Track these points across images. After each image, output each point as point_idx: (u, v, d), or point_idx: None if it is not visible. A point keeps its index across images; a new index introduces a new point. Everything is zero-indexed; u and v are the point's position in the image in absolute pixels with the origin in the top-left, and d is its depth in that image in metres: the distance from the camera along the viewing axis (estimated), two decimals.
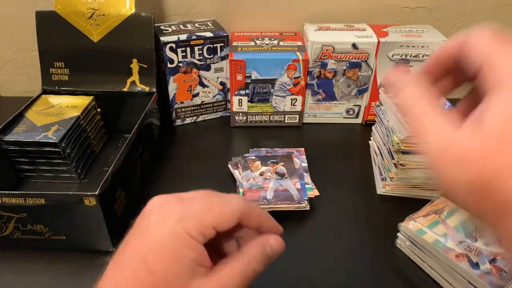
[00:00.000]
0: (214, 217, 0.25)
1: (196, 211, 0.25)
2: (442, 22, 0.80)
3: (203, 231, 0.25)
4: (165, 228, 0.24)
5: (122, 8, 0.63)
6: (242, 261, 0.26)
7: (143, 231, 0.25)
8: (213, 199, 0.27)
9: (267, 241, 0.28)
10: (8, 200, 0.43)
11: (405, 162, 0.53)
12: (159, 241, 0.24)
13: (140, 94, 0.65)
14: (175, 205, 0.26)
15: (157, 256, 0.23)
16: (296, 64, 0.67)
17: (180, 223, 0.24)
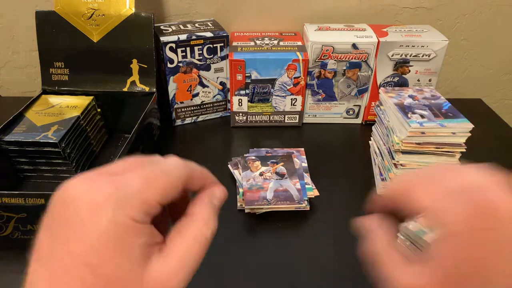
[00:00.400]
0: (157, 192, 0.22)
1: (136, 190, 0.21)
2: (442, 22, 0.80)
3: (148, 210, 0.21)
4: (102, 220, 0.20)
5: (122, 8, 0.63)
6: (197, 226, 0.23)
7: (73, 228, 0.20)
8: (150, 170, 0.23)
9: (212, 195, 0.25)
10: (8, 200, 0.43)
11: (405, 162, 0.53)
12: (98, 237, 0.20)
13: (140, 94, 0.65)
14: (107, 187, 0.21)
15: (101, 256, 0.20)
16: (296, 64, 0.67)
17: (121, 210, 0.20)
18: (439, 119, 0.51)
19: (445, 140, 0.51)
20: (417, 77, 0.70)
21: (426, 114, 0.52)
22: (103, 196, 0.20)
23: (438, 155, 0.52)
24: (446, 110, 0.53)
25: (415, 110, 0.53)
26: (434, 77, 0.70)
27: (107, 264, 0.20)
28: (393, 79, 0.70)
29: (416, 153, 0.53)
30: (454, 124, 0.50)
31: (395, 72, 0.69)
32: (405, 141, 0.51)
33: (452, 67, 0.86)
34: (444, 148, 0.51)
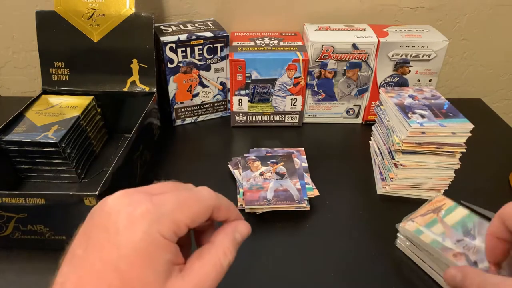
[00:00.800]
0: (188, 215, 0.24)
1: (169, 210, 0.23)
2: (442, 22, 0.80)
3: (176, 231, 0.23)
4: (137, 231, 0.22)
5: (122, 8, 0.63)
6: (217, 254, 0.25)
7: (111, 236, 0.22)
8: (185, 195, 0.25)
9: (235, 228, 0.27)
10: (8, 200, 0.43)
11: (405, 162, 0.53)
12: (132, 246, 0.22)
13: (140, 94, 0.65)
14: (145, 203, 0.23)
15: (131, 263, 0.21)
16: (296, 64, 0.67)
17: (154, 225, 0.22)
18: (439, 119, 0.51)
19: (445, 140, 0.51)
20: (417, 77, 0.70)
21: (426, 114, 0.52)
22: (141, 211, 0.23)
23: (438, 155, 0.52)
24: (446, 110, 0.53)
25: (415, 110, 0.53)
26: (434, 77, 0.70)
27: (134, 271, 0.21)
28: (393, 79, 0.70)
29: (417, 153, 0.53)
30: (454, 124, 0.50)
31: (395, 72, 0.69)
32: (406, 141, 0.51)
33: (452, 67, 0.86)
34: (445, 148, 0.51)
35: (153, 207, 0.23)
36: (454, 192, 0.56)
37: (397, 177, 0.54)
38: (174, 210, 0.23)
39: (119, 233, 0.22)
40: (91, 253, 0.22)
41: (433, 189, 0.56)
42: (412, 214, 0.48)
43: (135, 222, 0.22)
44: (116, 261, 0.21)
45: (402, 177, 0.54)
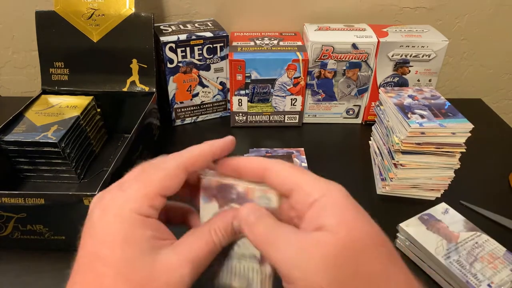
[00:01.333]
0: (155, 185, 0.24)
1: (136, 188, 0.23)
2: (442, 22, 0.80)
3: (151, 203, 0.23)
4: (108, 216, 0.22)
5: (122, 8, 0.63)
6: (208, 231, 0.25)
7: (89, 231, 0.23)
8: (148, 169, 0.25)
9: (235, 214, 0.26)
10: (8, 200, 0.43)
11: (405, 162, 0.53)
12: (106, 231, 0.22)
13: (140, 94, 0.65)
14: (114, 192, 0.24)
15: (110, 247, 0.22)
16: (296, 64, 0.67)
17: (125, 206, 0.23)
18: (439, 119, 0.51)
19: (445, 140, 0.51)
20: (417, 77, 0.70)
21: (426, 114, 0.52)
22: (109, 198, 0.23)
23: (438, 155, 0.52)
24: (446, 110, 0.53)
25: (415, 110, 0.53)
26: (434, 77, 0.70)
27: (116, 254, 0.21)
28: (393, 79, 0.70)
29: (416, 153, 0.53)
30: (454, 124, 0.50)
31: (395, 72, 0.69)
32: (405, 141, 0.51)
33: (452, 67, 0.86)
34: (444, 148, 0.51)
35: (120, 191, 0.24)
36: (454, 192, 0.56)
37: (397, 177, 0.54)
38: (140, 186, 0.24)
39: (94, 225, 0.23)
40: (80, 253, 0.23)
41: (433, 189, 0.56)
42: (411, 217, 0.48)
43: (105, 210, 0.23)
44: (97, 250, 0.22)
45: (401, 177, 0.54)
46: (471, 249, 0.44)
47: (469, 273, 0.41)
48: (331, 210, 0.22)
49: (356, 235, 0.21)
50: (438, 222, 0.47)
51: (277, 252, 0.22)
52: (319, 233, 0.22)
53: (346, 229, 0.21)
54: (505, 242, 0.45)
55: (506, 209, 0.55)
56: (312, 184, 0.24)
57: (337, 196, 0.23)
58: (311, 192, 0.23)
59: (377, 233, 0.22)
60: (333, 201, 0.23)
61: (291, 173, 0.25)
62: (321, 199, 0.23)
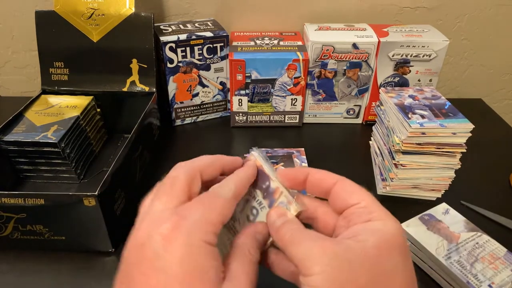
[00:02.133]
0: (218, 212, 0.23)
1: (200, 215, 0.22)
2: (442, 22, 0.79)
3: (215, 231, 0.22)
4: (177, 246, 0.20)
5: (121, 8, 0.63)
6: (244, 253, 0.25)
7: (153, 263, 0.20)
8: (203, 196, 0.25)
9: (255, 229, 0.27)
10: (8, 200, 0.42)
11: (405, 163, 0.53)
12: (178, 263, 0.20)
13: (140, 94, 0.65)
14: (171, 218, 0.22)
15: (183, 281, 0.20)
16: (296, 64, 0.67)
17: (193, 234, 0.21)
18: (439, 119, 0.51)
19: (445, 140, 0.51)
20: (417, 77, 0.70)
21: (426, 114, 0.52)
22: (172, 226, 0.21)
23: (438, 155, 0.52)
24: (446, 110, 0.53)
25: (416, 110, 0.53)
26: (434, 77, 0.70)
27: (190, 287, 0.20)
28: (393, 79, 0.70)
29: (417, 153, 0.52)
30: (455, 124, 0.50)
31: (395, 72, 0.69)
32: (406, 141, 0.51)
33: (453, 67, 0.86)
34: (445, 148, 0.51)
35: (182, 218, 0.22)
36: (454, 193, 0.55)
37: (398, 177, 0.54)
38: (204, 213, 0.23)
39: (160, 256, 0.20)
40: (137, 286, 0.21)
41: (434, 189, 0.55)
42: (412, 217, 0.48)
43: (171, 239, 0.20)
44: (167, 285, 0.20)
45: (402, 178, 0.54)
46: (471, 249, 0.44)
47: (470, 273, 0.41)
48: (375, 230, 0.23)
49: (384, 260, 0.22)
50: (438, 222, 0.47)
51: (301, 248, 0.23)
52: (350, 240, 0.23)
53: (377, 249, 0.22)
54: (506, 243, 0.45)
55: (507, 209, 0.55)
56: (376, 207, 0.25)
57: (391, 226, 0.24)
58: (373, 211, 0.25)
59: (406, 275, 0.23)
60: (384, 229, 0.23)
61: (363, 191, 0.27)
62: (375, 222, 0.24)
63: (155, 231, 0.21)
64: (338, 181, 0.27)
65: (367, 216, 0.24)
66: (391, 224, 0.24)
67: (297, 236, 0.24)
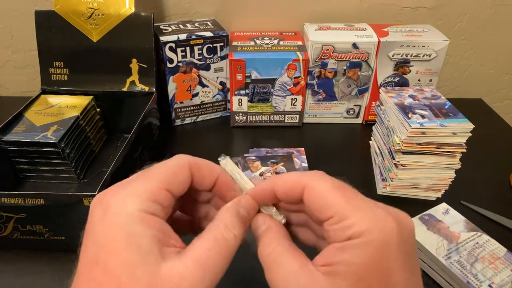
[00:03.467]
0: (159, 179, 0.22)
1: (138, 184, 0.21)
2: (442, 22, 0.79)
3: (155, 198, 0.21)
4: (109, 216, 0.20)
5: (121, 8, 0.63)
6: (217, 228, 0.22)
7: (89, 234, 0.21)
8: (152, 167, 0.23)
9: (238, 202, 0.25)
10: (8, 200, 0.42)
11: (405, 162, 0.53)
12: (107, 233, 0.20)
13: (140, 94, 0.65)
14: (115, 189, 0.21)
15: (109, 251, 0.19)
16: (296, 64, 0.66)
17: (126, 202, 0.20)
18: (439, 119, 0.51)
19: (445, 140, 0.51)
20: (417, 77, 0.70)
21: (426, 114, 0.52)
22: (110, 196, 0.21)
23: (438, 155, 0.52)
24: (446, 110, 0.53)
25: (416, 110, 0.53)
26: (434, 77, 0.70)
27: (116, 261, 0.19)
28: (393, 79, 0.70)
29: (417, 153, 0.52)
30: (455, 124, 0.50)
31: (395, 72, 0.69)
32: (406, 141, 0.51)
33: (453, 67, 0.86)
34: (445, 148, 0.51)
35: (121, 189, 0.21)
36: (454, 193, 0.55)
37: (398, 177, 0.54)
38: (142, 181, 0.21)
39: (94, 227, 0.20)
40: (80, 260, 0.21)
41: (434, 189, 0.55)
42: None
43: (105, 209, 0.20)
44: (96, 254, 0.19)
45: (402, 177, 0.54)
46: (471, 249, 0.44)
47: (470, 273, 0.41)
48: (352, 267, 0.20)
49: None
50: (438, 222, 0.47)
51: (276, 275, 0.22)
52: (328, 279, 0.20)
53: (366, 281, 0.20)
54: (506, 243, 0.44)
55: (507, 209, 0.55)
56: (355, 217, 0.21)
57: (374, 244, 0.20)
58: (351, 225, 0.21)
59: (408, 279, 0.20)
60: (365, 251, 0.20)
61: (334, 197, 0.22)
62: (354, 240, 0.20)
63: (98, 204, 0.21)
64: (304, 187, 0.23)
65: (345, 233, 0.21)
66: (375, 234, 0.20)
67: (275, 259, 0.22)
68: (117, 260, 0.19)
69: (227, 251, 0.22)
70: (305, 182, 0.23)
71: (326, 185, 0.23)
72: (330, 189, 0.23)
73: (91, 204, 0.22)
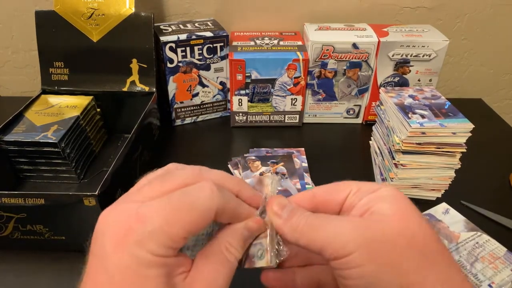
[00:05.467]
0: (182, 227, 0.21)
1: (158, 225, 0.20)
2: (442, 22, 0.79)
3: (171, 245, 0.21)
4: (124, 254, 0.20)
5: (121, 8, 0.63)
6: (219, 249, 0.23)
7: (100, 260, 0.21)
8: (176, 201, 0.22)
9: (244, 224, 0.25)
10: (8, 200, 0.42)
11: (405, 162, 0.53)
12: (120, 270, 0.20)
13: (140, 94, 0.65)
14: (130, 219, 0.21)
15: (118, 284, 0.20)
16: (296, 64, 0.67)
17: (143, 245, 0.20)
18: (439, 119, 0.51)
19: (445, 140, 0.51)
20: (417, 77, 0.70)
21: (426, 114, 0.52)
22: (127, 230, 0.21)
23: (438, 155, 0.52)
24: (446, 110, 0.53)
25: (416, 110, 0.53)
26: (434, 77, 0.70)
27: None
28: (393, 79, 0.70)
29: (417, 153, 0.52)
30: (455, 124, 0.50)
31: (395, 72, 0.69)
32: (406, 141, 0.51)
33: (453, 67, 0.86)
34: (445, 148, 0.51)
35: (138, 224, 0.21)
36: (454, 192, 0.55)
37: (398, 177, 0.54)
38: (163, 224, 0.21)
39: (107, 257, 0.20)
40: (87, 280, 0.21)
41: (434, 189, 0.55)
42: None
43: (120, 245, 0.20)
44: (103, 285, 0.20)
45: (402, 177, 0.54)
46: (471, 249, 0.44)
47: (470, 273, 0.41)
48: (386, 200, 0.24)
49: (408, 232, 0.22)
50: (438, 222, 0.47)
51: (326, 230, 0.23)
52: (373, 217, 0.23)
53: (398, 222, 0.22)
54: (506, 242, 0.45)
55: (507, 209, 0.55)
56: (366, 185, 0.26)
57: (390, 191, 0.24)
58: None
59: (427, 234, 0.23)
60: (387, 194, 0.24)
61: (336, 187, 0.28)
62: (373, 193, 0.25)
63: (110, 229, 0.21)
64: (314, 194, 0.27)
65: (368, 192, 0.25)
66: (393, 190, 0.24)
67: (315, 220, 0.23)
68: None
69: (231, 272, 0.23)
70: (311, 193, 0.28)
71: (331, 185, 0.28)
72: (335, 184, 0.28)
73: (101, 219, 0.22)
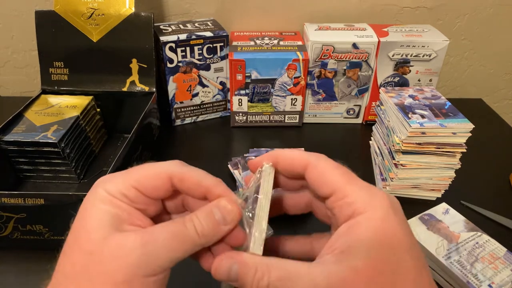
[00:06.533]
0: (135, 177, 0.24)
1: (119, 175, 0.25)
2: (442, 22, 0.79)
3: (123, 191, 0.24)
4: (88, 195, 0.24)
5: (121, 8, 0.63)
6: (182, 221, 0.23)
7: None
8: (143, 165, 0.25)
9: (216, 203, 0.24)
10: (8, 200, 0.42)
11: (405, 162, 0.53)
12: (86, 205, 0.24)
13: (140, 94, 0.65)
14: (110, 176, 0.25)
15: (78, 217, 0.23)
16: (296, 64, 0.66)
17: (101, 185, 0.24)
18: (439, 119, 0.51)
19: (445, 140, 0.51)
20: (417, 77, 0.70)
21: (426, 114, 0.52)
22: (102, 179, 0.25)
23: (438, 155, 0.52)
24: (446, 110, 0.53)
25: (416, 110, 0.53)
26: (434, 77, 0.70)
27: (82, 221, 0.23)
28: (393, 79, 0.70)
29: (417, 153, 0.52)
30: (455, 124, 0.50)
31: (395, 72, 0.69)
32: (406, 141, 0.51)
33: (453, 67, 0.86)
34: (445, 148, 0.51)
35: (107, 177, 0.25)
36: (454, 192, 0.55)
37: (398, 177, 0.54)
38: (123, 174, 0.25)
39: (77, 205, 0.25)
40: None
41: (434, 189, 0.55)
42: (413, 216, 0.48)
43: (93, 188, 0.24)
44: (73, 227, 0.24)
45: (402, 177, 0.54)
46: (471, 249, 0.44)
47: (470, 273, 0.41)
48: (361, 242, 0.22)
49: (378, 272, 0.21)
50: (438, 222, 0.47)
51: None
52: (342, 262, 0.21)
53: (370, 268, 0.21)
54: (506, 242, 0.44)
55: (507, 209, 0.55)
56: (355, 195, 0.24)
57: (376, 217, 0.23)
58: (352, 202, 0.23)
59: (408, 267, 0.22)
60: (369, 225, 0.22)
61: (335, 175, 0.25)
62: (357, 217, 0.23)
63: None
64: (307, 165, 0.26)
65: (347, 210, 0.23)
66: (376, 209, 0.23)
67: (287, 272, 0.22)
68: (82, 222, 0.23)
69: (182, 237, 0.23)
70: (308, 160, 0.27)
71: (328, 165, 0.26)
72: (332, 168, 0.26)
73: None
